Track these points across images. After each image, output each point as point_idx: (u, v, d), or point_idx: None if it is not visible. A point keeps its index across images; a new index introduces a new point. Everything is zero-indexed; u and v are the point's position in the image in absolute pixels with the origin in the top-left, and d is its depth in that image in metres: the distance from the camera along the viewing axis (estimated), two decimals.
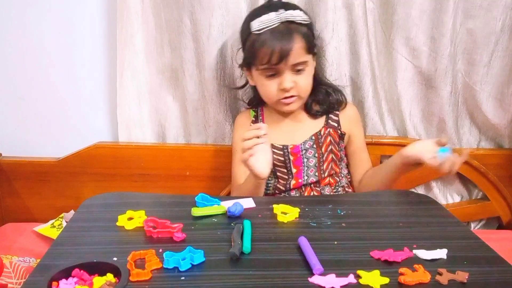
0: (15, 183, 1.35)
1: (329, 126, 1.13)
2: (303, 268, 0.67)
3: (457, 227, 0.84)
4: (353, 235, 0.79)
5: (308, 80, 1.08)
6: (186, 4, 1.18)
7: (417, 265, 0.67)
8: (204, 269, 0.67)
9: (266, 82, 1.06)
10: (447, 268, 0.67)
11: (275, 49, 0.99)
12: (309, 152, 1.10)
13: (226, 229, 0.79)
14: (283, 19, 1.01)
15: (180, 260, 0.66)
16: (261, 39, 1.01)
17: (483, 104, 1.29)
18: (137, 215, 0.81)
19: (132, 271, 0.63)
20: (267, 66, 1.02)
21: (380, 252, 0.71)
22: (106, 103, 1.35)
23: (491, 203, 1.37)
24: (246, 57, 1.08)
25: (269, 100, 1.10)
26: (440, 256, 0.71)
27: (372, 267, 0.67)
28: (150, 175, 1.33)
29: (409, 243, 0.74)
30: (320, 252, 0.69)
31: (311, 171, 1.10)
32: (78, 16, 1.27)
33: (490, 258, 0.72)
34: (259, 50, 1.02)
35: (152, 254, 0.68)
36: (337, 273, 0.65)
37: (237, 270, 0.67)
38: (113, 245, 0.73)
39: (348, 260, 0.70)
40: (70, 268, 0.64)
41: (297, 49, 1.01)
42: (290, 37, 1.00)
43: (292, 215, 0.84)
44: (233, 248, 0.69)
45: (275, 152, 1.09)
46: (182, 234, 0.75)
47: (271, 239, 0.76)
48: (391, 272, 0.66)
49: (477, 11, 1.20)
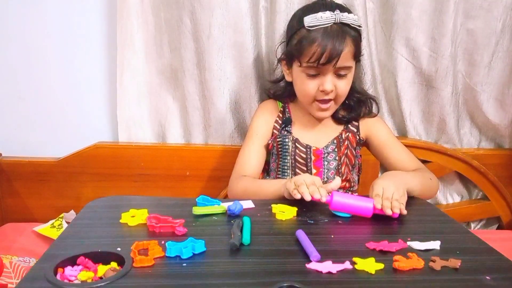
0: (15, 183, 1.35)
1: (348, 130, 1.11)
2: (301, 256, 0.68)
3: (450, 224, 0.85)
4: (350, 230, 0.81)
5: (348, 86, 1.05)
6: (186, 4, 1.18)
7: (411, 253, 0.69)
8: (205, 257, 0.68)
9: (307, 81, 1.02)
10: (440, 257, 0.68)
11: (326, 49, 0.96)
12: (330, 155, 1.09)
13: (226, 225, 0.80)
14: (337, 20, 0.97)
15: (182, 249, 0.67)
16: (312, 36, 0.98)
17: (484, 104, 1.29)
18: (140, 213, 0.83)
19: (135, 257, 0.65)
20: (313, 65, 0.98)
21: (376, 243, 0.73)
22: (106, 103, 1.35)
23: (491, 203, 1.37)
24: (291, 52, 1.04)
25: (305, 99, 1.06)
26: (433, 247, 0.72)
27: (367, 256, 0.68)
28: (150, 175, 1.33)
29: (403, 236, 0.76)
30: (317, 244, 0.70)
31: (331, 173, 1.09)
32: (78, 16, 1.27)
33: (482, 248, 0.74)
34: (309, 47, 0.98)
35: (155, 243, 0.70)
36: (333, 260, 0.67)
37: (237, 258, 0.68)
38: (117, 238, 0.74)
39: (344, 250, 0.72)
40: (76, 256, 0.65)
41: (346, 53, 0.98)
42: (342, 39, 0.97)
43: (290, 213, 0.86)
44: (233, 239, 0.70)
45: (299, 149, 1.09)
46: (183, 229, 0.76)
47: (270, 233, 0.78)
48: (386, 259, 0.67)
49: (478, 11, 1.20)
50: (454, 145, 1.33)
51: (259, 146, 1.12)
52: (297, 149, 1.08)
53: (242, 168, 1.10)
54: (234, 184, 1.08)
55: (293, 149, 1.09)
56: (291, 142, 1.09)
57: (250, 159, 1.11)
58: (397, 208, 0.83)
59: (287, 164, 1.10)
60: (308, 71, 1.01)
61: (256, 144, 1.12)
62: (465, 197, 1.43)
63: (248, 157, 1.11)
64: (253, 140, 1.13)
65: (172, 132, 1.35)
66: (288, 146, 1.09)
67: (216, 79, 1.24)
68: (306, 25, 0.98)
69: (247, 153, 1.12)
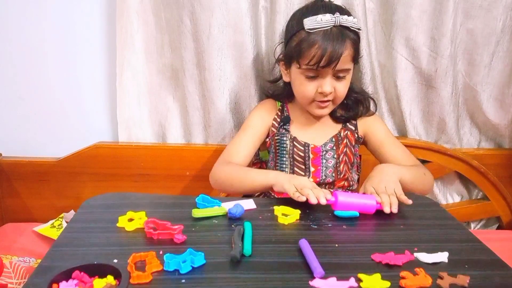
0: (15, 183, 1.35)
1: (347, 128, 1.12)
2: (304, 271, 0.66)
3: (458, 230, 0.83)
4: (354, 238, 0.79)
5: (346, 88, 1.05)
6: (186, 4, 1.18)
7: (418, 268, 0.67)
8: (205, 271, 0.66)
9: (306, 82, 1.02)
10: (448, 272, 0.67)
11: (325, 52, 0.96)
12: (328, 153, 1.09)
13: (226, 230, 0.78)
14: (338, 23, 0.97)
15: (181, 263, 0.65)
16: (312, 39, 0.97)
17: (484, 104, 1.29)
18: (138, 216, 0.81)
19: (132, 273, 0.63)
20: (313, 67, 0.99)
21: (381, 255, 0.71)
22: (106, 103, 1.35)
23: (491, 203, 1.37)
24: (289, 53, 1.04)
25: (303, 100, 1.07)
26: (441, 259, 0.71)
27: (373, 271, 0.66)
28: (150, 175, 1.33)
29: (410, 245, 0.74)
30: (321, 254, 0.69)
31: (329, 171, 1.09)
32: (78, 16, 1.27)
33: (491, 261, 0.72)
34: (308, 50, 0.98)
35: (153, 256, 0.68)
36: (338, 276, 0.64)
37: (238, 273, 0.66)
38: (113, 247, 0.72)
39: (349, 263, 0.70)
40: (70, 270, 0.63)
41: (345, 56, 0.98)
42: (342, 42, 0.97)
43: (293, 217, 0.84)
44: (233, 251, 0.69)
45: (297, 147, 1.09)
46: (182, 236, 0.74)
47: (272, 241, 0.76)
48: (392, 275, 0.65)
49: (477, 11, 1.20)
50: (454, 145, 1.33)
51: (252, 139, 1.12)
52: (295, 147, 1.09)
53: (230, 156, 1.10)
54: (218, 169, 1.07)
55: (291, 147, 1.09)
56: (289, 140, 1.09)
57: (240, 148, 1.11)
58: (395, 204, 0.85)
59: (285, 162, 1.10)
60: (307, 73, 1.01)
61: (248, 135, 1.12)
62: (465, 197, 1.43)
63: (237, 147, 1.11)
64: (246, 131, 1.13)
65: (172, 132, 1.35)
66: (286, 144, 1.10)
67: (216, 79, 1.24)
68: (306, 28, 0.98)
69: (238, 142, 1.12)
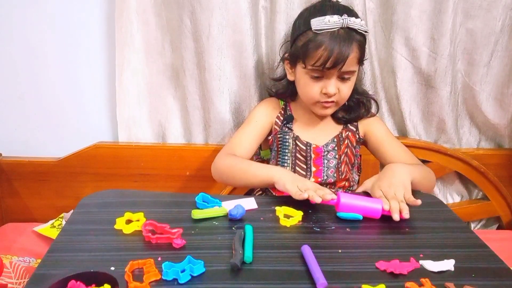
0: (15, 183, 1.35)
1: (348, 129, 1.12)
2: (306, 281, 0.64)
3: (464, 233, 0.82)
4: (358, 243, 0.76)
5: (350, 89, 1.05)
6: (186, 4, 1.18)
7: (424, 279, 0.65)
8: (204, 281, 0.64)
9: (311, 82, 1.02)
10: (455, 282, 0.65)
11: (332, 54, 0.95)
12: (330, 153, 1.09)
13: (227, 233, 0.76)
14: (345, 25, 0.97)
15: (179, 272, 0.64)
16: (319, 40, 0.97)
17: (483, 104, 1.29)
18: (136, 217, 0.80)
19: (130, 283, 0.61)
20: (318, 68, 0.98)
21: (386, 263, 0.69)
22: (106, 103, 1.35)
23: (491, 203, 1.37)
24: (295, 53, 1.03)
25: (307, 100, 1.07)
26: (447, 267, 0.69)
27: (377, 280, 0.64)
28: (150, 175, 1.33)
29: (415, 251, 0.73)
30: (324, 262, 0.67)
31: (331, 171, 1.09)
32: (78, 15, 1.27)
33: (498, 270, 0.70)
34: (315, 51, 0.97)
35: (151, 264, 0.66)
36: (341, 287, 0.63)
37: (238, 282, 0.64)
38: (110, 252, 0.71)
39: (352, 271, 0.68)
40: (66, 278, 0.61)
41: (352, 58, 0.98)
42: (349, 44, 0.97)
43: (295, 218, 0.82)
44: (234, 258, 0.67)
45: (299, 146, 1.09)
46: (181, 241, 0.73)
47: (273, 247, 0.74)
48: (397, 286, 0.64)
49: (477, 11, 1.20)
50: (453, 144, 1.34)
51: (255, 132, 1.12)
52: (297, 147, 1.09)
53: (232, 148, 1.09)
54: (220, 159, 1.07)
55: (294, 146, 1.09)
56: (292, 139, 1.09)
57: (243, 141, 1.10)
58: (406, 210, 0.82)
59: (287, 161, 1.10)
60: (313, 74, 1.01)
61: (252, 128, 1.12)
62: (465, 197, 1.43)
63: (241, 139, 1.11)
64: (250, 125, 1.13)
65: (172, 132, 1.35)
66: (289, 143, 1.10)
67: (216, 79, 1.24)
68: (313, 28, 0.98)
69: (241, 135, 1.12)
